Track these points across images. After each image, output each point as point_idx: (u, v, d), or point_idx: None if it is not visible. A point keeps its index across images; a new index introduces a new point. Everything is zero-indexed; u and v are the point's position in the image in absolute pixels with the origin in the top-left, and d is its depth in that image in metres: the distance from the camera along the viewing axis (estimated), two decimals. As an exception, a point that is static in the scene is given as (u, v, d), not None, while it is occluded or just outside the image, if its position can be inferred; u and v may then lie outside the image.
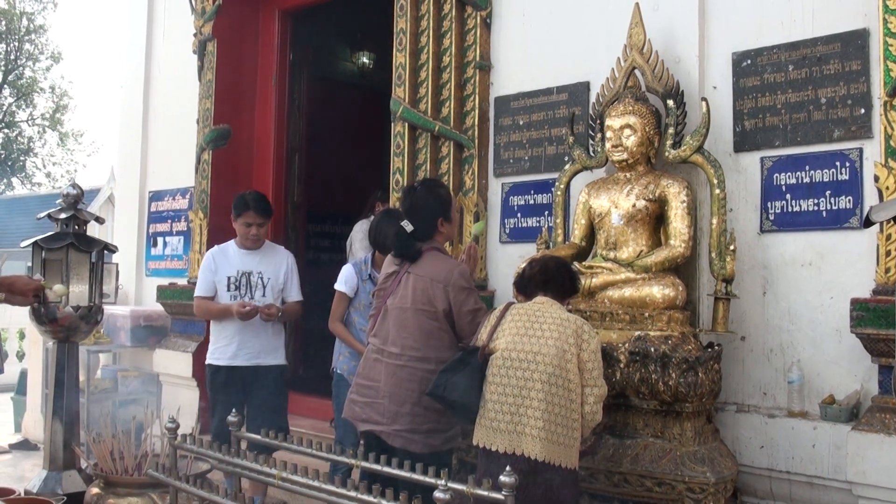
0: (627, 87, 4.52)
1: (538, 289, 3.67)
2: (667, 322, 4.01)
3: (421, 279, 3.78)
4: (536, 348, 3.43)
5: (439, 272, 3.76)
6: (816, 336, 4.11)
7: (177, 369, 6.90)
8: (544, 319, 3.51)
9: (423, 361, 3.74)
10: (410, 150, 5.57)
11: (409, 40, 5.62)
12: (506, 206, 5.36)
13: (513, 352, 3.47)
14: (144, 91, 8.20)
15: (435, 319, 3.75)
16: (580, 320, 3.51)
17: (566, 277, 3.72)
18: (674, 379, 3.81)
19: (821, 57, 4.18)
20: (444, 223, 3.92)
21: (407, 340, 3.77)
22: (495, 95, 5.46)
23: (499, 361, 3.50)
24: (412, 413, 3.72)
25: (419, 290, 3.77)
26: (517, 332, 3.52)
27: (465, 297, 3.75)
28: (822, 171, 4.14)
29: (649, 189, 4.31)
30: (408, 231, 3.83)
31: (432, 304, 3.74)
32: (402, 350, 3.78)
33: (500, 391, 3.46)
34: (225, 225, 6.90)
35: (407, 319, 3.79)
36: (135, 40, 8.39)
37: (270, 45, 7.36)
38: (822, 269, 4.12)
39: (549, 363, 3.38)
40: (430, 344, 3.75)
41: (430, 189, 3.98)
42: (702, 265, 4.36)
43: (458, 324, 3.77)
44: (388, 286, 3.90)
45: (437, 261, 3.81)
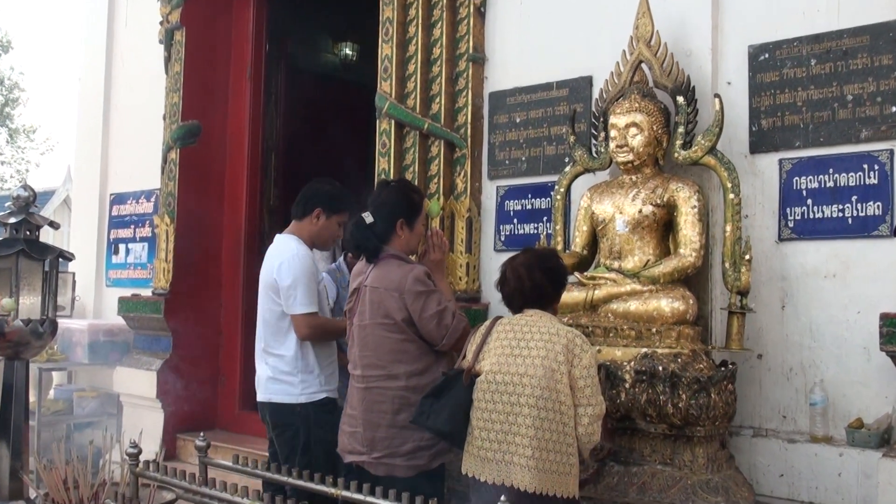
0: (634, 82, 4.52)
1: (522, 305, 3.63)
2: (676, 338, 4.00)
3: (375, 291, 3.78)
4: (523, 369, 3.40)
5: (392, 280, 3.76)
6: (841, 354, 4.12)
7: (140, 389, 6.87)
8: (531, 336, 3.47)
9: (391, 379, 3.74)
10: (397, 149, 5.57)
11: (396, 30, 5.61)
12: (501, 211, 5.36)
13: (498, 374, 3.45)
14: (105, 84, 8.18)
15: (396, 332, 3.75)
16: (571, 333, 3.46)
17: (544, 284, 3.60)
18: (684, 400, 3.80)
19: (847, 51, 4.19)
20: (404, 227, 3.90)
21: (368, 359, 3.78)
22: (490, 90, 5.47)
23: (484, 385, 3.47)
24: (388, 436, 3.72)
25: (375, 303, 3.77)
26: (503, 351, 3.49)
27: (425, 302, 3.72)
28: (848, 174, 4.15)
29: (657, 193, 4.31)
30: (367, 222, 3.85)
31: (389, 316, 3.74)
32: (364, 370, 3.80)
33: (486, 417, 3.44)
34: (194, 230, 6.92)
35: (366, 337, 3.80)
36: (94, 28, 8.37)
37: (245, 34, 7.35)
38: (847, 281, 4.13)
39: (536, 385, 3.35)
40: (397, 359, 3.74)
41: (401, 189, 4.01)
42: (714, 276, 4.36)
43: (424, 330, 3.74)
44: (354, 305, 3.92)
45: (391, 268, 3.81)
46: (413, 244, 4.00)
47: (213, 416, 7.05)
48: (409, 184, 4.36)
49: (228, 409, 7.04)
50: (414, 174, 5.47)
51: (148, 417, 6.74)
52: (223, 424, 7.02)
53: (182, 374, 6.77)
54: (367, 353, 3.78)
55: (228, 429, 6.94)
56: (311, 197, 4.46)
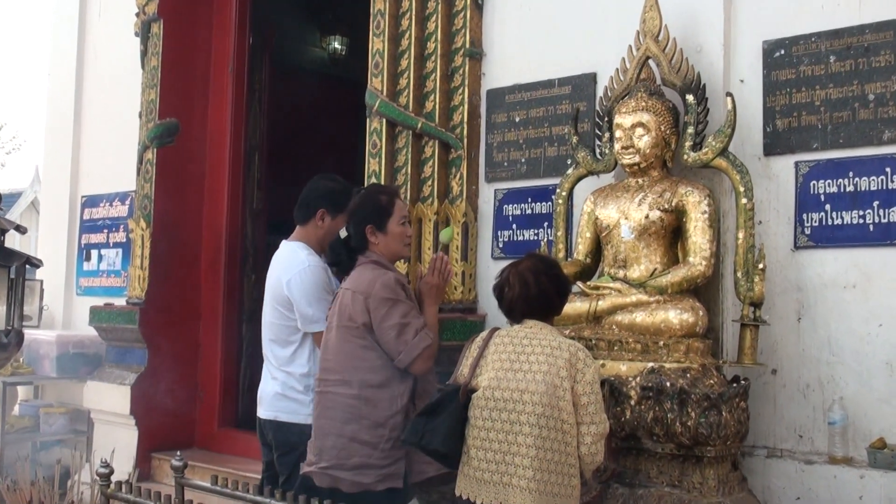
0: (640, 79, 4.53)
1: (524, 314, 3.61)
2: (685, 352, 4.00)
3: (346, 293, 3.85)
4: (523, 385, 3.39)
5: (362, 283, 3.81)
6: (862, 370, 4.12)
7: (112, 405, 6.84)
8: (532, 349, 3.46)
9: (344, 385, 3.76)
10: (389, 150, 5.56)
11: (388, 23, 5.61)
12: (499, 215, 5.37)
13: (496, 390, 3.44)
14: (77, 79, 8.17)
15: (356, 336, 3.78)
16: (574, 346, 3.46)
17: (550, 292, 3.60)
18: (693, 419, 3.80)
19: (869, 47, 4.20)
20: (376, 233, 3.92)
21: (328, 363, 3.84)
22: (488, 88, 5.47)
23: (481, 402, 3.46)
24: (335, 446, 3.72)
25: (343, 306, 3.83)
26: (501, 366, 3.48)
27: (388, 310, 3.74)
28: (869, 178, 4.16)
29: (665, 198, 4.31)
30: (341, 237, 3.95)
31: (352, 319, 3.78)
32: (323, 374, 3.86)
33: (483, 436, 3.43)
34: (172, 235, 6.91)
35: (330, 340, 3.86)
36: (65, 19, 8.37)
37: (227, 26, 7.34)
38: (868, 292, 4.13)
39: (537, 402, 3.34)
40: (353, 365, 3.77)
41: (368, 194, 4.05)
42: (726, 286, 4.36)
43: (382, 340, 3.76)
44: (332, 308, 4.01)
45: (365, 271, 3.86)
46: (394, 247, 3.98)
47: (190, 433, 7.01)
48: (377, 186, 4.45)
49: (207, 427, 7.01)
50: (406, 176, 5.47)
51: (120, 435, 6.71)
52: (202, 443, 6.98)
53: (158, 389, 6.74)
54: (327, 357, 3.85)
55: (207, 447, 6.91)
56: (312, 197, 4.38)
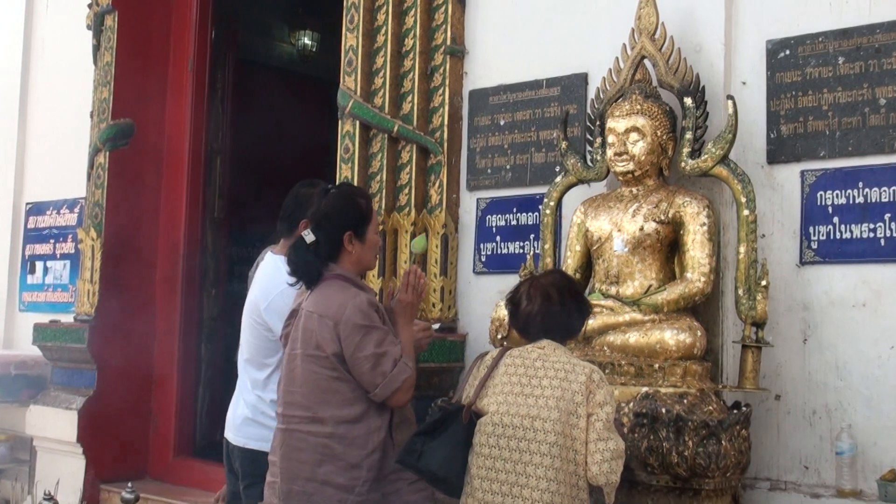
0: (635, 80, 4.55)
1: (542, 332, 3.59)
2: (682, 376, 4.01)
3: (311, 316, 3.65)
4: (535, 412, 3.38)
5: (330, 306, 3.62)
6: (872, 395, 4.13)
7: (57, 432, 6.79)
8: (545, 372, 3.46)
9: (316, 423, 3.61)
10: (362, 154, 5.56)
11: (363, 17, 5.62)
12: (482, 227, 5.37)
13: (506, 416, 3.43)
14: (22, 76, 8.14)
15: (326, 367, 3.61)
16: (589, 368, 3.44)
17: (573, 311, 3.62)
18: (690, 448, 3.80)
19: (880, 48, 4.23)
20: (354, 241, 3.74)
21: (293, 396, 3.67)
22: (470, 88, 5.49)
23: (488, 428, 3.45)
24: (305, 491, 3.59)
25: (308, 331, 3.65)
26: (511, 389, 3.48)
27: (362, 338, 3.58)
28: (880, 188, 4.19)
29: (661, 208, 4.33)
30: (307, 242, 3.70)
31: (320, 348, 3.61)
32: (288, 409, 3.68)
33: (489, 465, 3.42)
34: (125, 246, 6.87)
35: (295, 369, 3.67)
36: (9, 10, 8.32)
37: (187, 19, 7.33)
38: (878, 312, 4.15)
39: (549, 430, 3.33)
40: (324, 400, 3.61)
41: (346, 195, 3.85)
42: (726, 304, 4.38)
43: (356, 372, 3.59)
44: (290, 330, 3.78)
45: (332, 291, 3.67)
46: (367, 259, 3.87)
47: (143, 463, 6.98)
48: (354, 188, 4.19)
49: (162, 456, 6.97)
50: (381, 183, 5.47)
51: (66, 465, 6.66)
52: (155, 474, 6.94)
53: (108, 415, 6.69)
54: (293, 389, 3.67)
55: (161, 479, 6.87)
56: (296, 206, 4.23)
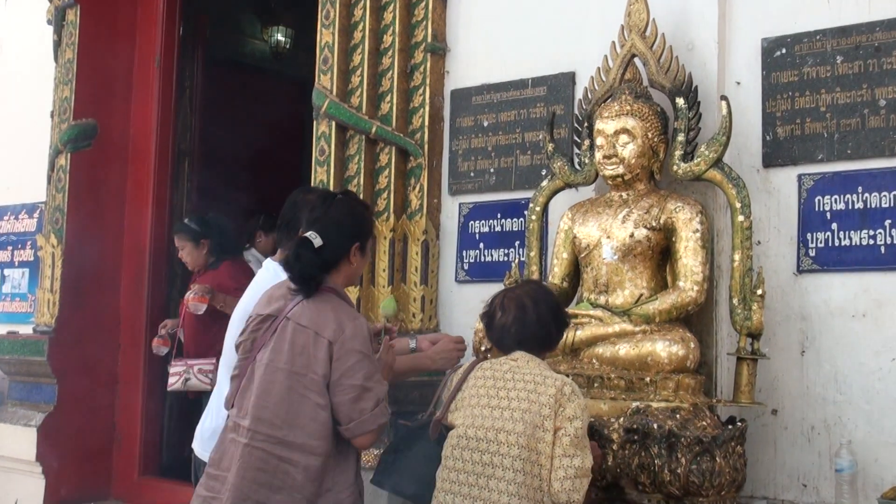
0: (624, 80, 4.56)
1: (517, 344, 3.63)
2: (674, 390, 4.02)
3: (303, 332, 3.56)
4: (500, 424, 3.41)
5: (328, 324, 3.54)
6: (873, 410, 4.15)
7: (15, 450, 6.76)
8: (514, 384, 3.49)
9: (283, 446, 3.50)
10: (339, 157, 5.56)
11: (339, 13, 5.62)
12: (464, 233, 5.38)
13: (471, 428, 3.47)
14: (-22, 73, 8.12)
15: (313, 390, 3.52)
16: (561, 380, 3.47)
17: (549, 322, 3.66)
18: (683, 465, 3.81)
19: (879, 46, 4.26)
20: (357, 254, 3.73)
21: (265, 412, 3.54)
22: (452, 88, 5.50)
23: (453, 440, 3.50)
24: None
25: (298, 346, 3.55)
26: (479, 402, 3.52)
27: (354, 365, 3.51)
28: (881, 193, 4.21)
29: (652, 214, 4.34)
30: (315, 246, 3.60)
31: (311, 368, 3.52)
32: (255, 424, 3.54)
33: (454, 479, 3.45)
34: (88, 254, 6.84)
35: (272, 383, 3.56)
36: (-35, 5, 8.32)
37: (153, 14, 7.32)
38: (880, 322, 4.17)
39: (514, 443, 3.36)
40: (300, 425, 3.51)
41: (355, 204, 3.85)
42: (720, 315, 4.39)
43: (336, 399, 3.51)
44: (260, 337, 3.68)
45: (327, 307, 3.60)
46: (359, 273, 3.90)
47: (106, 483, 6.96)
48: (358, 199, 4.13)
49: (126, 475, 6.96)
50: (359, 187, 5.47)
51: (24, 485, 6.63)
52: (119, 494, 6.93)
53: (69, 432, 6.67)
54: (266, 404, 3.54)
55: (126, 499, 6.87)
56: (295, 213, 4.21)
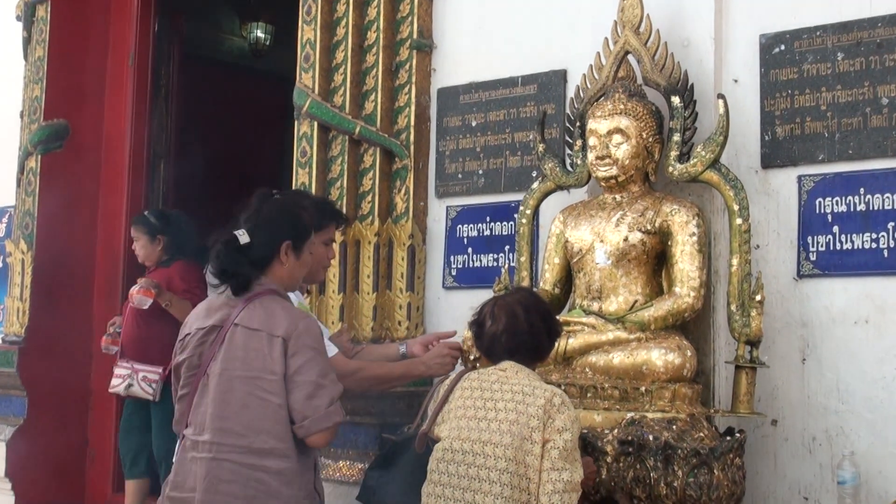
0: (618, 78, 4.56)
1: (507, 353, 3.64)
2: (670, 400, 4.02)
3: (254, 335, 3.58)
4: (486, 436, 3.42)
5: (279, 324, 3.58)
6: (877, 420, 4.15)
7: (-17, 465, 6.75)
8: (502, 395, 3.50)
9: (253, 454, 3.51)
10: (321, 158, 5.56)
11: (321, 8, 5.62)
12: (452, 237, 5.38)
13: (456, 441, 3.47)
14: (-57, 71, 8.08)
15: (272, 391, 3.54)
16: (551, 391, 3.48)
17: (541, 331, 3.68)
18: (680, 478, 3.81)
19: (882, 42, 4.27)
20: (289, 252, 3.75)
21: (227, 423, 3.54)
22: (439, 86, 5.50)
23: (438, 454, 3.50)
24: None
25: (252, 350, 3.57)
26: (465, 413, 3.53)
27: (308, 361, 3.55)
28: (884, 195, 4.21)
29: (647, 217, 4.34)
30: (240, 242, 3.66)
31: (268, 369, 3.54)
32: (216, 436, 3.54)
33: (438, 493, 3.46)
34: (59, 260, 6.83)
35: (228, 392, 3.56)
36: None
37: (127, 10, 7.31)
38: (883, 329, 4.18)
39: (501, 456, 3.36)
40: (265, 429, 3.53)
41: (292, 203, 3.87)
42: (718, 322, 4.40)
43: (290, 397, 3.54)
44: (208, 349, 3.67)
45: (276, 308, 3.63)
46: (297, 276, 3.87)
47: (79, 499, 6.95)
48: (299, 197, 4.14)
49: (100, 491, 6.94)
50: (342, 190, 5.47)
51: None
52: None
53: (40, 446, 6.65)
54: (226, 415, 3.54)
55: (99, 516, 6.84)
56: None
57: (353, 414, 5.05)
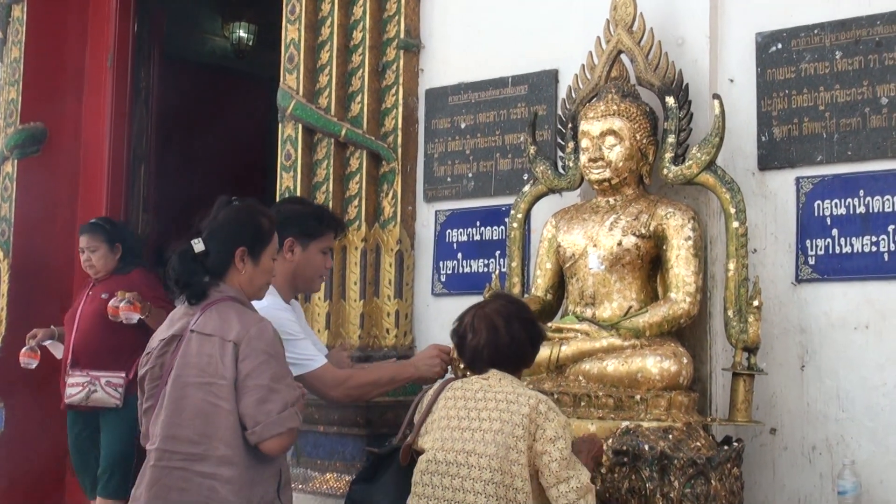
0: (611, 78, 4.55)
1: (491, 365, 3.62)
2: (666, 408, 4.00)
3: (207, 340, 3.57)
4: (471, 446, 3.40)
5: (232, 328, 3.56)
6: (877, 428, 4.15)
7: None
8: (486, 404, 3.48)
9: (204, 462, 3.49)
10: (306, 162, 5.56)
11: (305, 7, 5.62)
12: (441, 242, 5.36)
13: (440, 452, 3.46)
14: (-83, 74, 8.05)
15: (224, 399, 3.52)
16: (535, 398, 3.45)
17: (523, 341, 3.65)
18: (677, 489, 3.79)
19: (881, 41, 4.26)
20: (246, 259, 3.72)
21: (179, 430, 3.52)
22: (427, 87, 5.49)
23: (422, 465, 3.49)
24: None
25: (205, 356, 3.56)
26: (449, 423, 3.51)
27: (259, 365, 3.52)
28: (884, 197, 4.21)
29: (641, 220, 4.33)
30: (195, 251, 3.65)
31: (219, 374, 3.52)
32: (169, 444, 3.52)
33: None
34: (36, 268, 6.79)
35: (183, 399, 3.55)
36: None
37: (106, 10, 7.31)
38: (884, 334, 4.17)
39: (486, 466, 3.35)
40: (217, 435, 3.50)
41: (249, 210, 3.83)
42: (715, 328, 4.38)
43: (241, 402, 3.51)
44: (168, 359, 3.66)
45: (231, 314, 3.62)
46: (258, 283, 3.82)
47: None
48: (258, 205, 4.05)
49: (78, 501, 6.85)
50: (328, 194, 5.46)
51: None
52: (71, 524, 6.88)
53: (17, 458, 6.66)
54: (179, 422, 3.52)
55: (78, 529, 6.80)
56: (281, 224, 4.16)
57: (340, 425, 5.07)
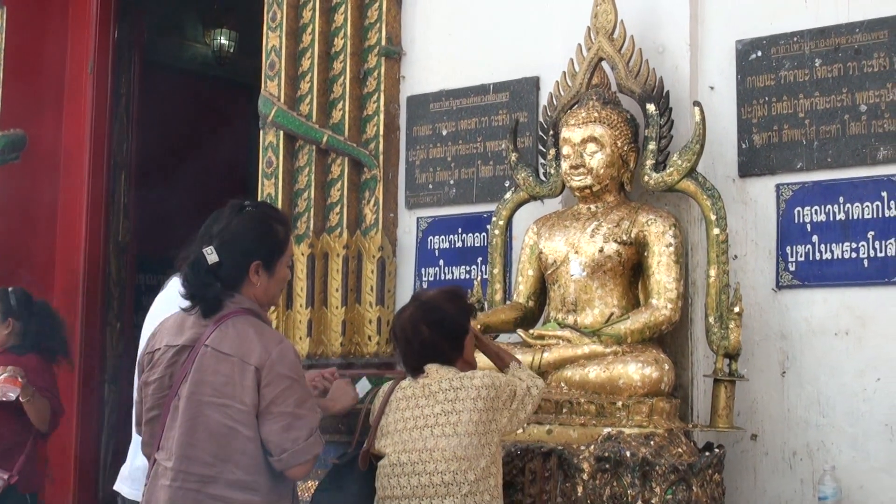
0: (592, 85, 4.59)
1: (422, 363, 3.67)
2: (648, 414, 4.03)
3: (226, 360, 3.48)
4: (431, 443, 3.44)
5: (252, 350, 3.47)
6: (858, 433, 4.18)
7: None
8: (435, 398, 3.53)
9: (218, 484, 3.43)
10: (287, 169, 5.57)
11: (287, 14, 5.63)
12: (423, 249, 5.39)
13: (403, 454, 3.49)
14: None
15: (242, 423, 3.45)
16: (479, 379, 3.53)
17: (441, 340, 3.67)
18: (658, 495, 3.81)
19: (860, 49, 4.31)
20: (261, 271, 3.61)
21: (194, 451, 3.45)
22: (408, 94, 5.52)
23: (386, 469, 3.52)
24: None
25: (221, 376, 3.47)
26: (405, 425, 3.55)
27: (283, 391, 3.45)
28: (863, 203, 4.26)
29: (622, 227, 4.36)
30: (209, 262, 3.53)
31: (240, 399, 3.45)
32: (184, 464, 3.45)
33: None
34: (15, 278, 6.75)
35: (199, 418, 3.48)
36: None
37: (86, 16, 7.26)
38: (863, 340, 4.21)
39: (451, 458, 3.40)
40: (233, 460, 3.44)
41: (264, 217, 3.72)
42: (696, 334, 4.42)
43: (265, 429, 3.44)
44: (179, 370, 3.57)
45: (249, 332, 3.53)
46: (273, 293, 3.74)
47: (38, 523, 6.89)
48: (272, 209, 4.01)
49: (59, 513, 6.89)
50: (309, 201, 5.48)
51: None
52: (52, 535, 6.86)
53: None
54: (193, 442, 3.45)
55: (59, 541, 6.80)
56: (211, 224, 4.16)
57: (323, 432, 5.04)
